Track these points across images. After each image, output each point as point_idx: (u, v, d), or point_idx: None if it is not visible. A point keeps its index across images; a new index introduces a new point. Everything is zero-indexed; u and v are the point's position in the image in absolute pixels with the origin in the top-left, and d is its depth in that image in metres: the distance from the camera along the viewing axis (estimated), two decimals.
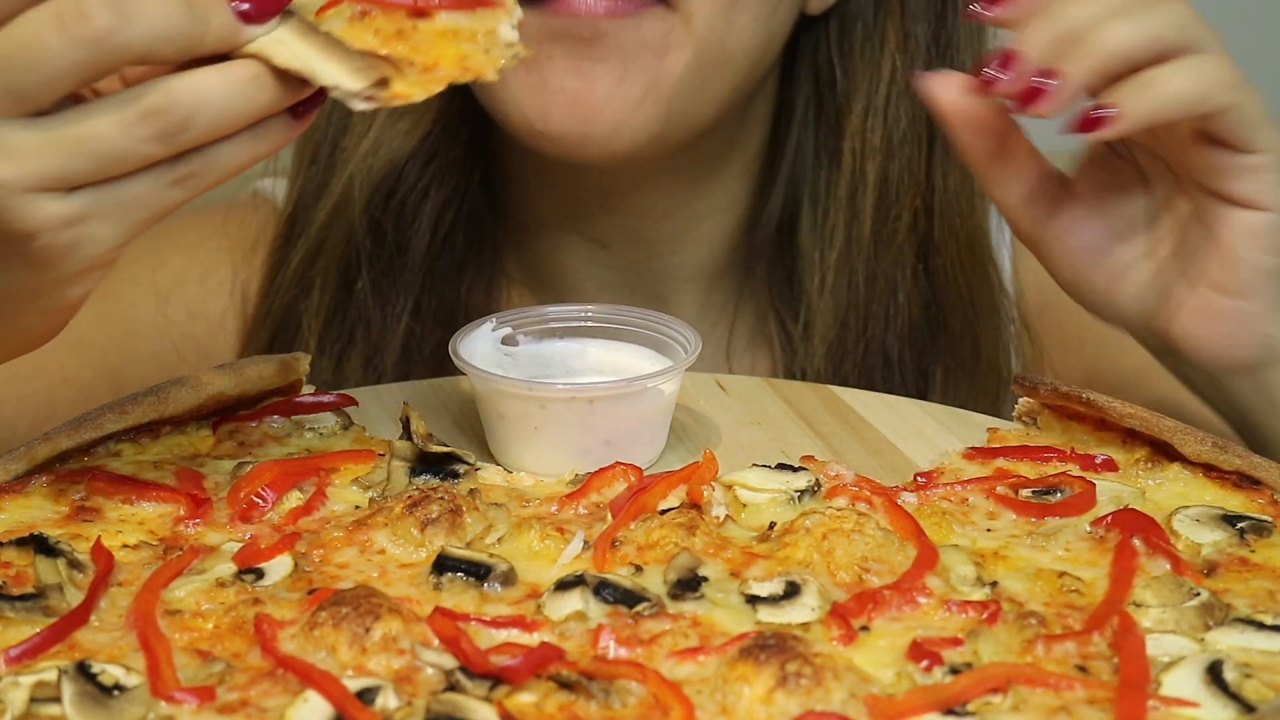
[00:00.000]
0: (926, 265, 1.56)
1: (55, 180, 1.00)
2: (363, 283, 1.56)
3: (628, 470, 1.20)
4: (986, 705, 0.94)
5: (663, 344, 1.31)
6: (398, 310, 1.57)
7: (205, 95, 1.01)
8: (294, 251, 1.58)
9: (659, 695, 0.95)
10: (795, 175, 1.59)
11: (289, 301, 1.58)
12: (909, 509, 1.15)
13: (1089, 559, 1.11)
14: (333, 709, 0.93)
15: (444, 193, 1.56)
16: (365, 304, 1.56)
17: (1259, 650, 1.00)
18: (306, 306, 1.57)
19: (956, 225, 1.56)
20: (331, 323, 1.57)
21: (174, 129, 1.00)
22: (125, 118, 1.00)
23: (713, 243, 1.61)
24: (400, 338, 1.56)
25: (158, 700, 0.94)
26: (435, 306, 1.58)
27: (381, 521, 1.12)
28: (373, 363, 1.57)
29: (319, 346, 1.56)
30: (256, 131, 1.04)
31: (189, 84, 1.01)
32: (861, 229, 1.54)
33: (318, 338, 1.57)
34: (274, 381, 1.29)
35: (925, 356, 1.57)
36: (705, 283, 1.63)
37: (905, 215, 1.54)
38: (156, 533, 1.13)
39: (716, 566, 1.09)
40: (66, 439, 1.18)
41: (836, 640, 1.01)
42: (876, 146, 1.53)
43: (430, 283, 1.57)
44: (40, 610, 1.02)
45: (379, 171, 1.54)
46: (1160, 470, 1.20)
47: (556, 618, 1.03)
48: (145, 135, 1.00)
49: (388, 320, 1.57)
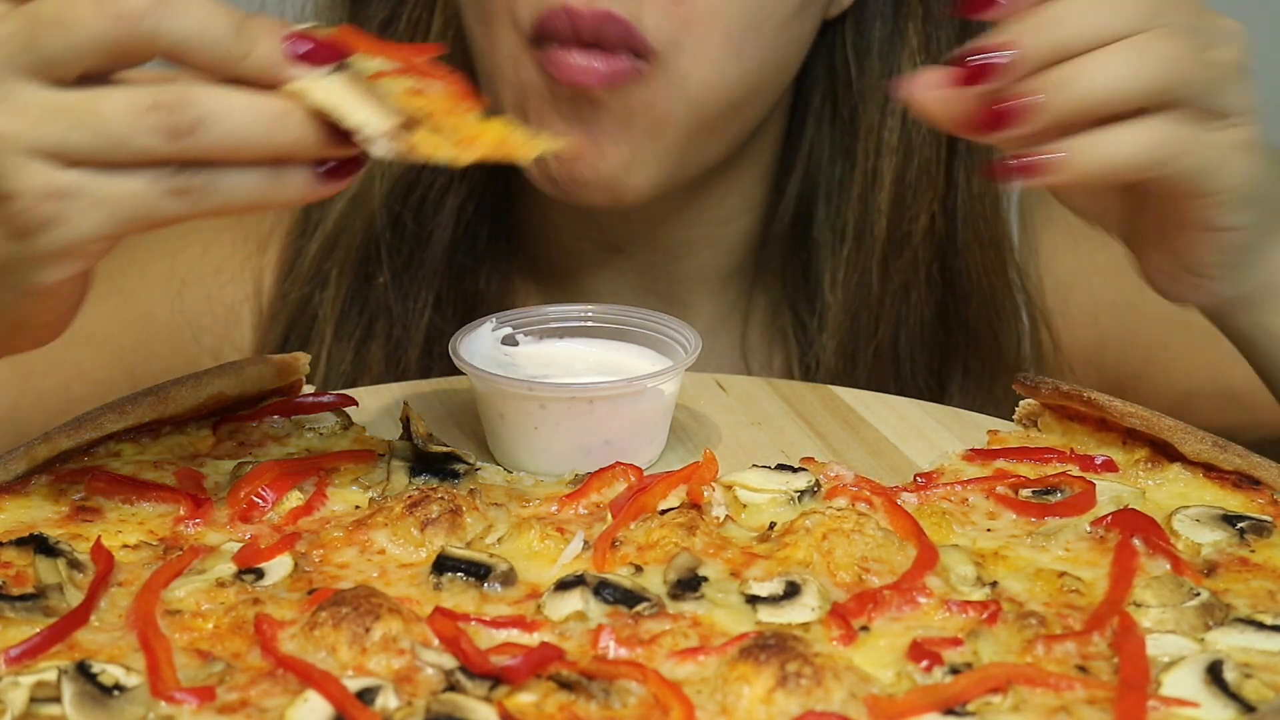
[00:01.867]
0: (945, 267, 1.55)
1: (53, 146, 0.99)
2: (384, 276, 1.56)
3: (628, 470, 1.20)
4: (986, 705, 0.94)
5: (663, 344, 1.31)
6: (420, 304, 1.56)
7: (224, 107, 1.00)
8: (310, 243, 1.58)
9: (659, 695, 0.95)
10: (810, 170, 1.58)
11: (305, 294, 1.58)
12: (909, 509, 1.15)
13: (1089, 559, 1.11)
14: (333, 709, 0.93)
15: (466, 187, 1.56)
16: (386, 296, 1.56)
17: (1259, 650, 1.00)
18: (323, 299, 1.57)
19: (980, 229, 1.55)
20: (348, 315, 1.57)
21: (181, 128, 0.99)
22: (135, 102, 0.99)
23: (730, 244, 1.61)
24: (423, 330, 1.56)
25: (158, 700, 0.94)
26: (455, 299, 1.58)
27: (381, 521, 1.12)
28: (395, 356, 1.57)
29: (335, 338, 1.56)
30: (275, 172, 1.03)
31: (211, 92, 1.00)
32: (875, 227, 1.53)
33: (334, 329, 1.56)
34: (274, 381, 1.29)
35: (940, 358, 1.57)
36: (720, 283, 1.63)
37: (923, 217, 1.53)
38: (156, 533, 1.13)
39: (716, 566, 1.09)
40: (66, 439, 1.18)
41: (836, 640, 1.01)
42: (893, 146, 1.52)
43: (450, 276, 1.58)
44: (40, 610, 1.02)
45: (400, 165, 1.54)
46: (1160, 470, 1.20)
47: (556, 618, 1.03)
48: (150, 125, 0.99)
49: (410, 314, 1.57)
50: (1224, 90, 1.12)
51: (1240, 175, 1.14)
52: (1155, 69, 1.09)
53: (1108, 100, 1.09)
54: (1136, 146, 1.10)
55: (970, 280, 1.56)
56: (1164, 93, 1.10)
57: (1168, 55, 1.09)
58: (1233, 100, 1.13)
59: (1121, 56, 1.09)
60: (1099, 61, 1.08)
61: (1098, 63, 1.08)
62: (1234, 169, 1.14)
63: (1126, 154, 1.10)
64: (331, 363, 1.56)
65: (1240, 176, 1.14)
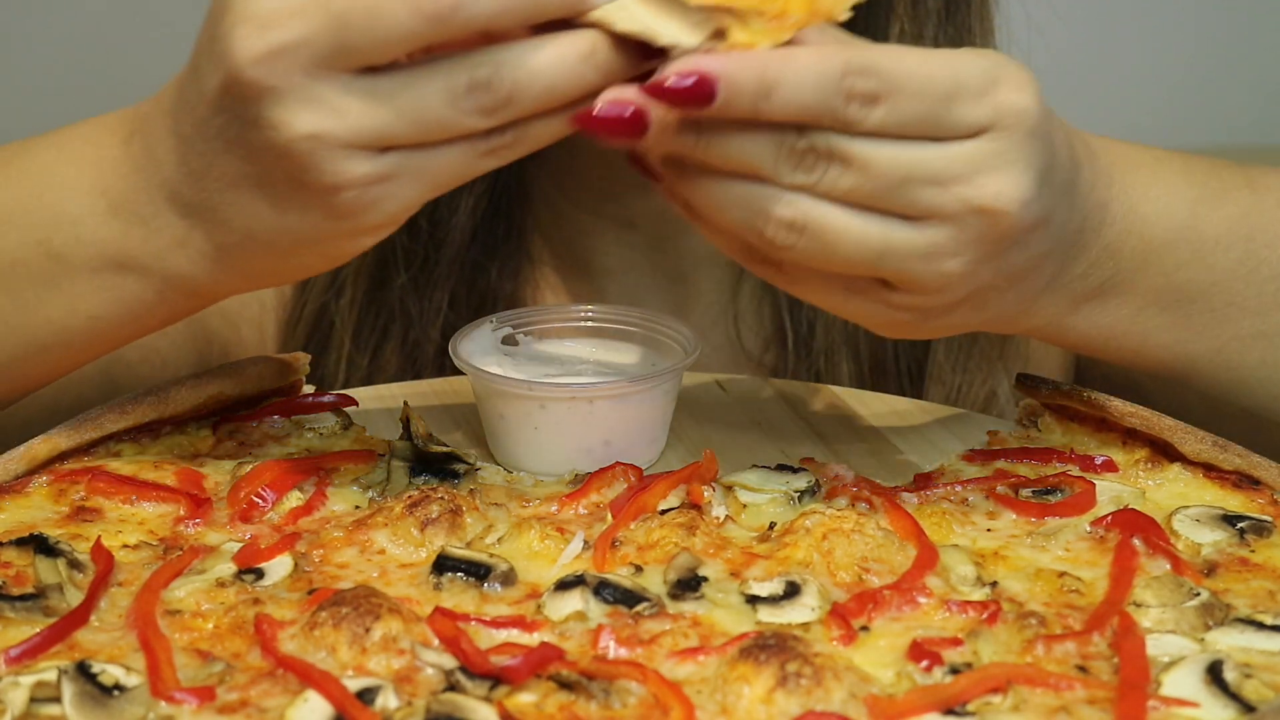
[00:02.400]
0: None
1: (373, 140, 1.00)
2: (402, 279, 1.56)
3: (628, 470, 1.20)
4: (986, 705, 0.94)
5: (663, 344, 1.31)
6: (435, 303, 1.57)
7: (534, 71, 0.99)
8: None
9: (659, 695, 0.95)
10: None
11: (322, 302, 1.58)
12: (909, 509, 1.15)
13: (1089, 559, 1.11)
14: (333, 709, 0.93)
15: (481, 184, 1.56)
16: (404, 299, 1.57)
17: (1259, 650, 1.00)
18: (340, 306, 1.57)
19: None
20: (365, 320, 1.57)
21: (498, 103, 1.00)
22: (453, 89, 0.99)
23: None
24: (440, 329, 1.57)
25: (158, 700, 0.94)
26: (468, 295, 1.58)
27: (381, 521, 1.12)
28: (413, 357, 1.57)
29: (354, 344, 1.57)
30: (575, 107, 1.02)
31: (520, 58, 1.00)
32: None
33: (352, 335, 1.57)
34: (274, 381, 1.29)
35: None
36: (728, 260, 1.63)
37: None
38: (156, 533, 1.13)
39: (716, 566, 1.09)
40: (66, 439, 1.18)
41: (836, 640, 1.01)
42: None
43: (465, 272, 1.58)
44: (40, 610, 1.02)
45: None
46: (1160, 470, 1.20)
47: (556, 618, 1.03)
48: (470, 108, 1.00)
49: (425, 313, 1.57)
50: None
51: (873, 319, 1.09)
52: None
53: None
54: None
55: None
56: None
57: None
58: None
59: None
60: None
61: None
62: (866, 314, 1.09)
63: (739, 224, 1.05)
64: (351, 368, 1.57)
65: (872, 319, 1.09)
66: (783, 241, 1.03)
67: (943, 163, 1.02)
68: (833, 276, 1.07)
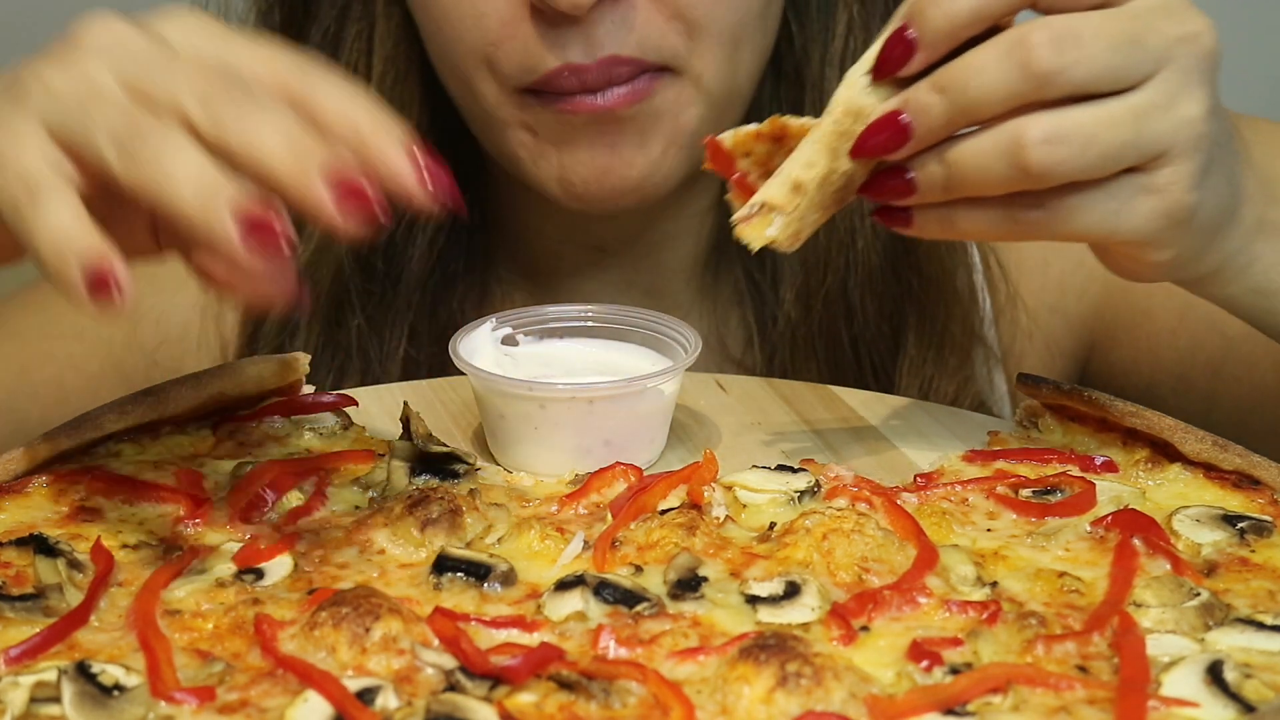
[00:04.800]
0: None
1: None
2: (358, 320, 1.56)
3: (628, 470, 1.20)
4: (986, 705, 0.94)
5: (663, 344, 1.31)
6: (394, 341, 1.57)
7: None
8: None
9: (659, 695, 0.95)
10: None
11: (277, 344, 1.57)
12: (909, 509, 1.15)
13: (1089, 559, 1.11)
14: (333, 709, 0.93)
15: (435, 222, 1.56)
16: (362, 338, 1.56)
17: (1259, 650, 1.00)
18: (293, 347, 1.55)
19: None
20: (320, 359, 1.56)
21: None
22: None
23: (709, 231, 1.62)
24: (399, 364, 1.57)
25: (158, 700, 0.94)
26: (429, 326, 1.58)
27: (381, 521, 1.12)
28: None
29: (309, 382, 1.56)
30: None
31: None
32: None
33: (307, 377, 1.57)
34: (274, 381, 1.29)
35: (892, 303, 1.57)
36: (699, 268, 1.64)
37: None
38: (156, 533, 1.13)
39: (716, 566, 1.09)
40: (66, 439, 1.18)
41: (836, 640, 1.01)
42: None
43: (424, 305, 1.58)
44: (40, 610, 1.02)
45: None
46: (1160, 470, 1.20)
47: (556, 618, 1.03)
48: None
49: (385, 350, 1.57)
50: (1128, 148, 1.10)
51: (1141, 220, 1.11)
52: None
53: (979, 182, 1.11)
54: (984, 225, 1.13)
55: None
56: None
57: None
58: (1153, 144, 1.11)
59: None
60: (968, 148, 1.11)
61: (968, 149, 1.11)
62: (1135, 216, 1.11)
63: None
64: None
65: (1140, 220, 1.11)
66: (1047, 159, 1.07)
67: (1140, 21, 1.08)
68: (1096, 190, 1.10)
